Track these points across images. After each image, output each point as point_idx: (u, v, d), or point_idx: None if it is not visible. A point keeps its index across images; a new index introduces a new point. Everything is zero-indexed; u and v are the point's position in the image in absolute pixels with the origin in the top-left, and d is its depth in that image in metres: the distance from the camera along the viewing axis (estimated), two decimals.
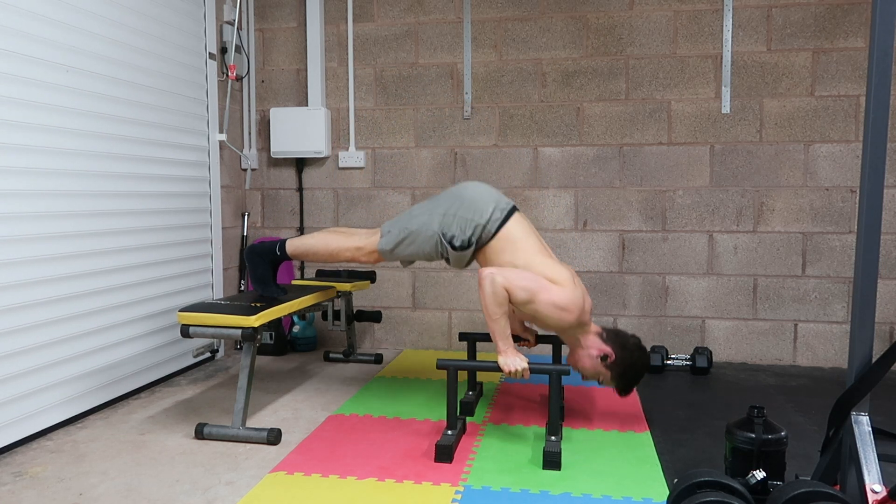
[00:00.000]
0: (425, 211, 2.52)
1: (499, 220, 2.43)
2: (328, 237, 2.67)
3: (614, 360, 2.41)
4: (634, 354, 2.42)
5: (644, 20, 3.51)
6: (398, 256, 2.56)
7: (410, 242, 2.50)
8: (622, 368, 2.41)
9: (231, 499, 1.94)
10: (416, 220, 2.51)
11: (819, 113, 3.41)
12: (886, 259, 3.40)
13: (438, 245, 2.47)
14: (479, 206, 2.44)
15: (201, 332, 2.40)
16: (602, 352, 2.42)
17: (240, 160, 3.88)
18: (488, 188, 2.52)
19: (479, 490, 1.99)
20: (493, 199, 2.47)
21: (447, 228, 2.45)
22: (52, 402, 2.48)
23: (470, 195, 2.47)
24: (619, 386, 2.45)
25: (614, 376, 2.44)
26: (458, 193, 2.50)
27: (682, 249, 3.55)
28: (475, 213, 2.43)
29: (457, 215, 2.45)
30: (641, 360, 2.42)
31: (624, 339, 2.44)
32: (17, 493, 1.97)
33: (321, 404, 2.83)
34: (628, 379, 2.43)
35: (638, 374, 2.43)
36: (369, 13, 3.75)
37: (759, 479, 1.76)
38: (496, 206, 2.45)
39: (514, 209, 2.48)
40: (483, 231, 2.42)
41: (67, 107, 2.53)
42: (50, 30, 2.44)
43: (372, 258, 2.60)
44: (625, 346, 2.42)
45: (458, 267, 2.54)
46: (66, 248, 2.53)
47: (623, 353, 2.41)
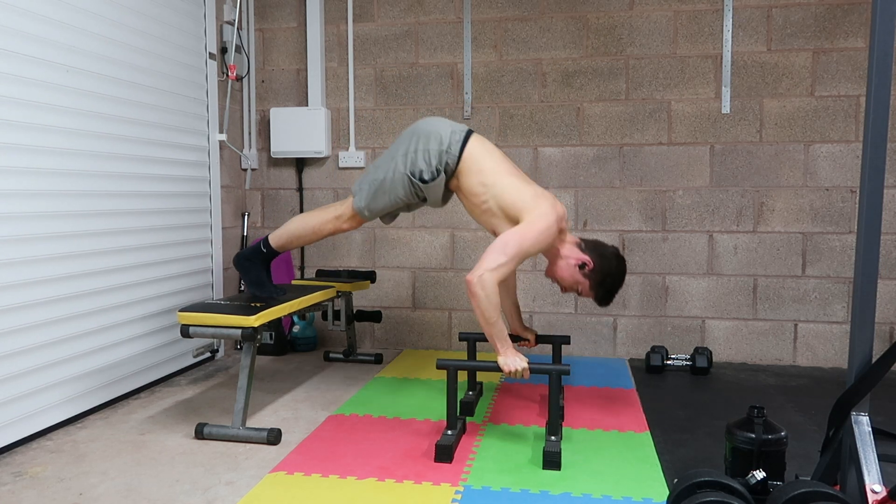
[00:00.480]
0: (387, 158, 2.55)
1: (459, 141, 2.47)
2: (306, 217, 2.70)
3: (592, 269, 2.45)
4: (612, 262, 2.46)
5: (644, 20, 3.51)
6: (376, 210, 2.57)
7: (384, 192, 2.53)
8: (601, 276, 2.45)
9: (231, 499, 1.94)
10: (381, 169, 2.55)
11: (819, 113, 3.41)
12: (886, 259, 3.40)
13: (410, 185, 2.49)
14: (436, 134, 2.48)
15: (201, 332, 2.40)
16: (580, 260, 2.46)
17: (240, 160, 3.88)
18: (440, 118, 2.56)
19: (479, 490, 1.99)
20: (447, 125, 2.51)
21: (413, 166, 2.48)
22: (52, 402, 2.48)
23: (424, 128, 2.51)
24: (598, 294, 2.49)
25: (593, 285, 2.47)
26: (412, 131, 2.54)
27: (682, 249, 3.55)
28: (434, 142, 2.47)
29: (418, 150, 2.48)
30: (619, 268, 2.47)
31: (602, 247, 2.48)
32: (17, 493, 1.97)
33: (321, 404, 2.83)
34: (607, 287, 2.47)
35: (616, 283, 2.48)
36: (369, 13, 3.75)
37: (759, 479, 1.76)
38: (452, 130, 2.49)
39: (471, 132, 2.52)
40: (447, 156, 2.46)
41: (67, 107, 2.53)
42: (50, 30, 2.44)
43: (353, 222, 2.63)
44: (603, 255, 2.46)
45: (435, 204, 2.57)
46: (66, 248, 2.53)
47: (601, 262, 2.45)
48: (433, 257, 3.78)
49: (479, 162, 2.45)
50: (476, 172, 2.45)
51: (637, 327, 3.61)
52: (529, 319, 3.71)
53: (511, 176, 2.44)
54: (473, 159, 2.45)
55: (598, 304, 2.53)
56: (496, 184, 2.42)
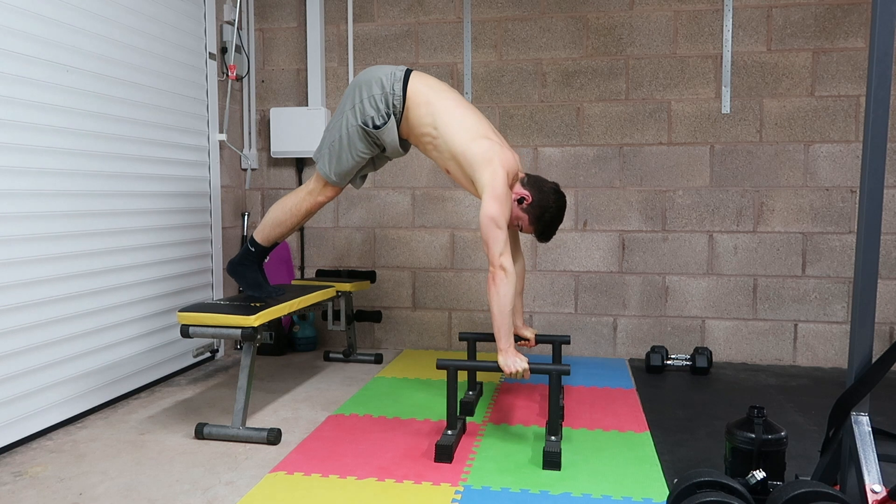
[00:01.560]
0: (337, 117, 2.59)
1: (400, 79, 2.49)
2: (281, 202, 2.73)
3: (531, 203, 2.48)
4: (550, 197, 2.49)
5: (644, 20, 3.51)
6: (342, 172, 2.59)
7: (343, 150, 2.55)
8: (539, 211, 2.48)
9: (231, 499, 1.94)
10: (334, 130, 2.58)
11: (819, 113, 3.41)
12: (886, 259, 3.40)
13: (365, 136, 2.52)
14: (376, 79, 2.51)
15: (201, 332, 2.40)
16: (519, 195, 2.48)
17: (240, 160, 3.88)
18: (379, 65, 2.59)
19: (479, 490, 1.99)
20: (387, 69, 2.54)
21: (363, 115, 2.50)
22: (52, 402, 2.48)
23: (364, 78, 2.54)
24: (537, 230, 2.53)
25: (532, 220, 2.51)
26: (354, 83, 2.57)
27: (682, 249, 3.55)
28: (377, 87, 2.49)
29: (363, 98, 2.51)
30: (558, 203, 2.50)
31: (542, 183, 2.51)
32: (17, 493, 1.97)
33: (321, 404, 2.83)
34: (545, 221, 2.50)
35: (554, 217, 2.51)
36: (369, 13, 3.75)
37: (759, 479, 1.76)
38: (392, 71, 2.51)
39: (410, 70, 2.54)
40: (393, 97, 2.48)
41: (67, 107, 2.53)
42: (50, 30, 2.44)
43: (327, 192, 2.65)
44: (542, 190, 2.49)
45: (397, 154, 2.60)
46: (65, 248, 2.53)
47: (540, 196, 2.48)
48: (433, 257, 3.78)
49: (425, 95, 2.48)
50: (423, 104, 2.47)
51: (637, 327, 3.61)
52: (529, 319, 3.71)
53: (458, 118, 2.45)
54: (418, 94, 2.48)
55: (539, 238, 2.56)
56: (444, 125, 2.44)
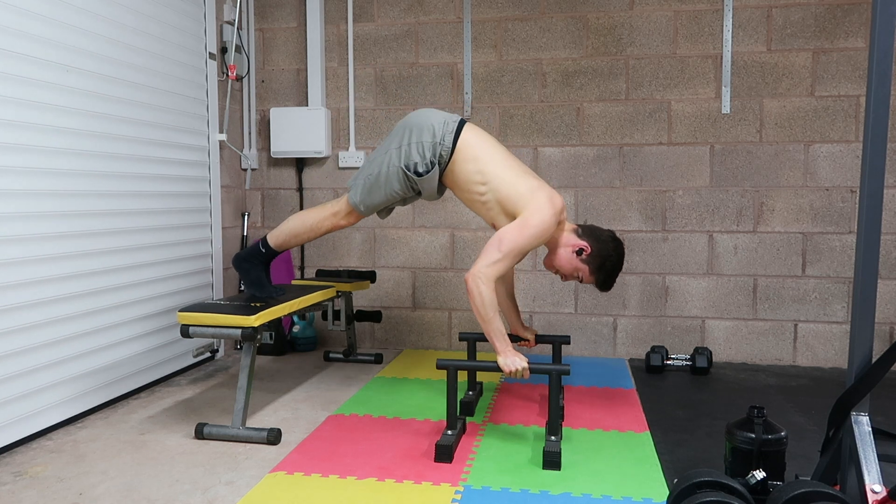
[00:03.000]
0: (381, 152, 2.54)
1: (452, 131, 2.45)
2: (303, 215, 2.69)
3: (590, 253, 2.45)
4: (609, 245, 2.46)
5: (644, 20, 3.51)
6: (372, 205, 2.57)
7: (379, 185, 2.52)
8: (599, 260, 2.45)
9: (231, 499, 1.94)
10: (375, 164, 2.54)
11: (819, 113, 3.41)
12: (886, 259, 3.40)
13: (405, 179, 2.49)
14: (428, 126, 2.46)
15: (201, 332, 2.40)
16: (577, 246, 2.46)
17: (240, 160, 3.88)
18: (433, 109, 2.54)
19: (479, 490, 1.99)
20: (440, 117, 2.49)
21: (407, 159, 2.47)
22: (52, 402, 2.48)
23: (416, 121, 2.50)
24: (599, 279, 2.49)
25: (592, 270, 2.47)
26: (405, 124, 2.53)
27: (682, 249, 3.55)
28: (427, 134, 2.45)
29: (411, 143, 2.47)
30: (617, 251, 2.47)
31: (599, 232, 2.48)
32: (17, 493, 1.97)
33: (321, 404, 2.83)
34: (606, 271, 2.47)
35: (615, 266, 2.47)
36: (369, 13, 3.75)
37: (759, 479, 1.76)
38: (445, 121, 2.47)
39: (464, 121, 2.50)
40: (441, 148, 2.44)
41: (67, 106, 2.53)
42: (50, 30, 2.44)
43: (351, 218, 2.62)
44: (599, 239, 2.46)
45: (432, 198, 2.56)
46: (65, 248, 2.53)
47: (599, 245, 2.45)
48: (433, 257, 3.78)
49: (474, 150, 2.44)
50: (471, 162, 2.43)
51: (637, 327, 3.61)
52: (529, 319, 3.71)
53: (508, 167, 2.43)
54: (468, 148, 2.44)
55: (600, 288, 2.52)
56: (493, 175, 2.40)
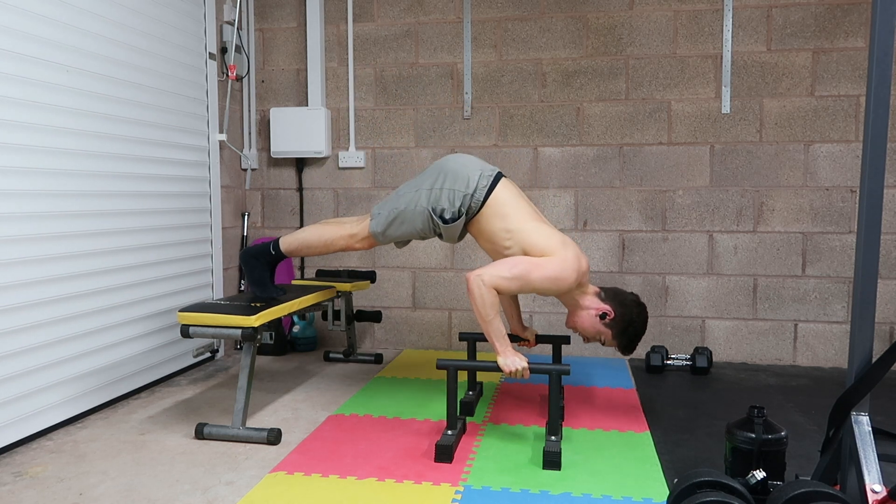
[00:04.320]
0: (412, 188, 2.52)
1: (486, 187, 2.43)
2: (321, 228, 2.67)
3: (614, 318, 2.43)
4: (633, 311, 2.43)
5: (644, 20, 3.51)
6: (391, 238, 2.55)
7: (402, 222, 2.50)
8: (623, 325, 2.43)
9: (231, 499, 1.94)
10: (403, 199, 2.51)
11: (819, 113, 3.41)
12: (886, 259, 3.40)
13: (429, 220, 2.47)
14: (464, 175, 2.44)
15: (201, 332, 2.40)
16: (601, 310, 2.43)
17: (240, 160, 3.88)
18: (472, 157, 2.52)
19: (479, 490, 1.99)
20: (478, 168, 2.47)
21: (436, 202, 2.45)
22: (52, 402, 2.48)
23: (453, 167, 2.47)
24: (621, 343, 2.46)
25: (615, 334, 2.45)
26: (442, 166, 2.50)
27: (682, 249, 3.55)
28: (462, 184, 2.43)
29: (444, 188, 2.44)
30: (641, 317, 2.44)
31: (622, 296, 2.45)
32: (17, 493, 1.97)
33: (321, 404, 2.83)
34: (629, 336, 2.44)
35: (638, 331, 2.44)
36: (369, 13, 3.75)
37: (759, 479, 1.76)
38: (482, 173, 2.45)
39: (501, 175, 2.48)
40: (472, 200, 2.42)
41: (67, 107, 2.53)
42: (50, 30, 2.44)
43: (366, 244, 2.60)
44: (623, 303, 2.43)
45: (451, 241, 2.54)
46: (66, 248, 2.53)
47: (622, 310, 2.42)
48: (433, 257, 3.78)
49: (504, 207, 2.41)
50: (500, 217, 2.41)
51: None
52: (529, 319, 3.71)
53: (536, 221, 2.41)
54: (498, 204, 2.41)
55: (622, 352, 2.49)
56: (521, 229, 2.37)
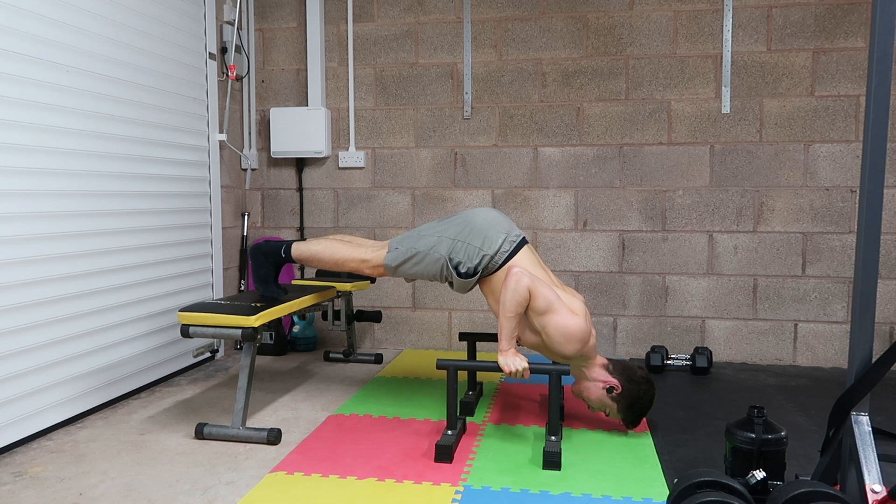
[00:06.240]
0: (435, 233, 2.51)
1: (507, 252, 2.42)
2: (335, 246, 2.65)
3: (621, 393, 2.40)
4: (642, 388, 2.40)
5: (644, 20, 3.51)
6: (402, 274, 2.55)
7: (416, 262, 2.50)
8: (630, 401, 2.41)
9: (231, 499, 1.94)
10: (424, 241, 2.50)
11: (819, 113, 3.41)
12: (886, 259, 3.40)
13: (444, 269, 2.46)
14: (489, 235, 2.43)
15: (201, 332, 2.40)
16: (608, 384, 2.41)
17: (240, 160, 3.88)
18: (500, 217, 2.50)
19: (479, 490, 1.99)
20: (503, 230, 2.45)
21: (455, 254, 2.44)
22: (52, 402, 2.48)
23: (480, 223, 2.45)
24: (627, 418, 2.45)
25: (621, 409, 2.43)
26: (469, 219, 2.48)
27: (682, 249, 3.55)
28: (484, 243, 2.42)
29: (466, 242, 2.43)
30: (648, 394, 2.41)
31: (631, 371, 2.43)
32: (17, 493, 1.97)
33: (321, 404, 2.83)
34: (636, 411, 2.42)
35: (645, 407, 2.42)
36: (369, 13, 3.75)
37: (759, 479, 1.76)
38: (506, 237, 2.43)
39: (524, 242, 2.47)
40: (490, 261, 2.41)
41: (67, 107, 2.53)
42: (50, 30, 2.44)
43: (377, 272, 2.60)
44: (631, 379, 2.41)
45: (460, 292, 2.52)
46: (66, 248, 2.53)
47: (630, 386, 2.40)
48: None
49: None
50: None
51: (637, 327, 3.61)
52: None
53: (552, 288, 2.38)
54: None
55: (626, 426, 2.48)
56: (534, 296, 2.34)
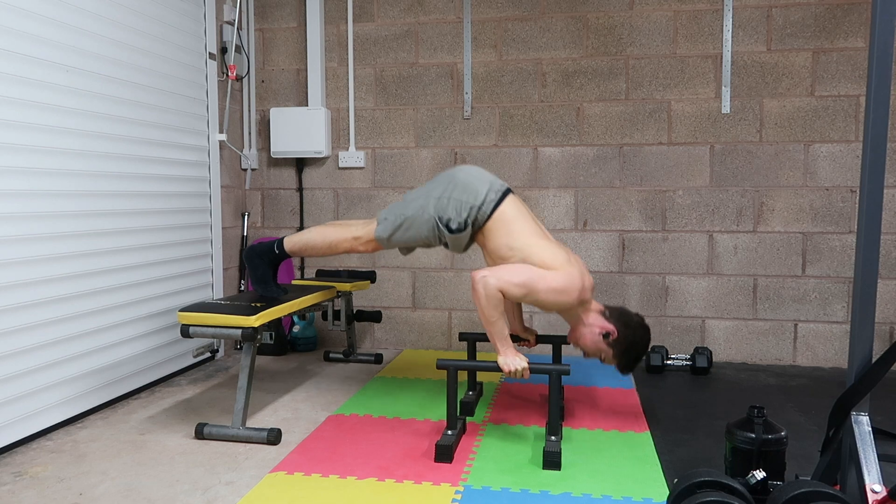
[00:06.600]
0: (420, 196, 2.52)
1: (493, 201, 2.43)
2: (325, 230, 2.67)
3: (616, 338, 2.42)
4: (637, 332, 2.43)
5: (644, 20, 3.51)
6: (396, 243, 2.56)
7: (407, 228, 2.50)
8: (625, 346, 2.42)
9: (231, 499, 1.94)
10: (411, 206, 2.52)
11: (819, 113, 3.41)
12: (886, 259, 3.40)
13: (435, 229, 2.47)
14: (473, 188, 2.45)
15: (201, 332, 2.40)
16: (604, 329, 2.43)
17: (240, 160, 3.88)
18: (482, 171, 2.53)
19: (479, 490, 1.99)
20: (487, 181, 2.47)
21: (443, 212, 2.45)
22: (52, 402, 2.48)
23: (463, 178, 2.48)
24: (621, 363, 2.46)
25: (616, 354, 2.45)
26: (451, 176, 2.50)
27: (682, 249, 3.55)
28: (470, 195, 2.43)
29: (451, 198, 2.45)
30: (644, 339, 2.44)
31: (627, 316, 2.45)
32: (17, 493, 1.97)
33: (321, 404, 2.83)
34: (631, 357, 2.44)
35: (640, 353, 2.44)
36: (369, 13, 3.75)
37: (759, 479, 1.76)
38: (490, 187, 2.45)
39: (509, 191, 2.49)
40: (478, 213, 2.43)
41: (67, 107, 2.53)
42: (50, 30, 2.44)
43: (370, 247, 2.60)
44: (628, 324, 2.43)
45: (456, 251, 2.54)
46: (66, 248, 2.53)
47: (626, 331, 2.42)
48: (433, 257, 3.78)
49: (509, 224, 2.41)
50: (504, 234, 2.41)
51: None
52: (529, 319, 3.71)
53: (541, 239, 2.41)
54: (504, 221, 2.42)
55: (621, 371, 2.49)
56: (524, 246, 2.37)
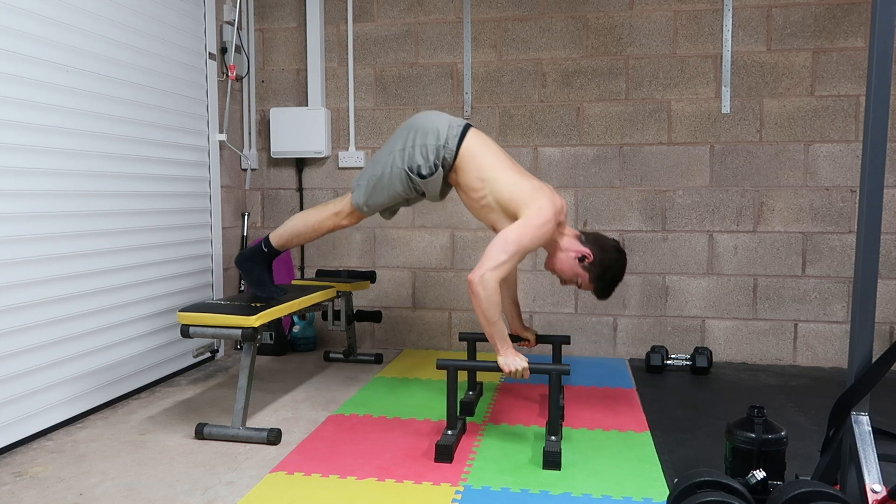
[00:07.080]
0: (385, 153, 2.55)
1: (456, 135, 2.46)
2: (305, 214, 2.70)
3: (592, 261, 2.44)
4: (612, 255, 2.45)
5: (644, 20, 3.51)
6: (375, 206, 2.58)
7: (382, 187, 2.53)
8: (601, 269, 2.45)
9: (231, 499, 1.94)
10: (378, 165, 2.54)
11: (819, 113, 3.41)
12: (886, 259, 3.40)
13: (408, 180, 2.49)
14: (434, 129, 2.47)
15: (201, 332, 2.40)
16: (580, 253, 2.45)
17: (240, 160, 3.88)
18: (438, 112, 2.55)
19: (479, 490, 1.99)
20: (445, 121, 2.50)
21: (411, 161, 2.48)
22: (52, 402, 2.48)
23: (421, 123, 2.51)
24: (598, 287, 2.49)
25: (592, 278, 2.47)
26: (410, 125, 2.53)
27: (682, 249, 3.55)
28: (432, 137, 2.46)
29: (416, 145, 2.48)
30: (620, 262, 2.46)
31: (602, 240, 2.48)
32: (17, 493, 1.97)
33: (321, 404, 2.83)
34: (607, 280, 2.47)
35: (616, 276, 2.47)
36: (369, 13, 3.75)
37: (759, 479, 1.76)
38: (450, 124, 2.48)
39: (469, 126, 2.51)
40: (444, 151, 2.45)
41: (67, 107, 2.53)
42: (50, 30, 2.44)
43: (353, 219, 2.63)
44: (603, 248, 2.45)
45: (435, 199, 2.57)
46: (66, 248, 2.53)
47: (602, 255, 2.44)
48: (433, 257, 3.78)
49: (477, 157, 2.44)
50: (474, 167, 2.44)
51: (637, 327, 3.61)
52: (529, 319, 3.71)
53: (509, 170, 2.44)
54: (471, 154, 2.45)
55: (598, 296, 2.52)
56: (494, 178, 2.41)
